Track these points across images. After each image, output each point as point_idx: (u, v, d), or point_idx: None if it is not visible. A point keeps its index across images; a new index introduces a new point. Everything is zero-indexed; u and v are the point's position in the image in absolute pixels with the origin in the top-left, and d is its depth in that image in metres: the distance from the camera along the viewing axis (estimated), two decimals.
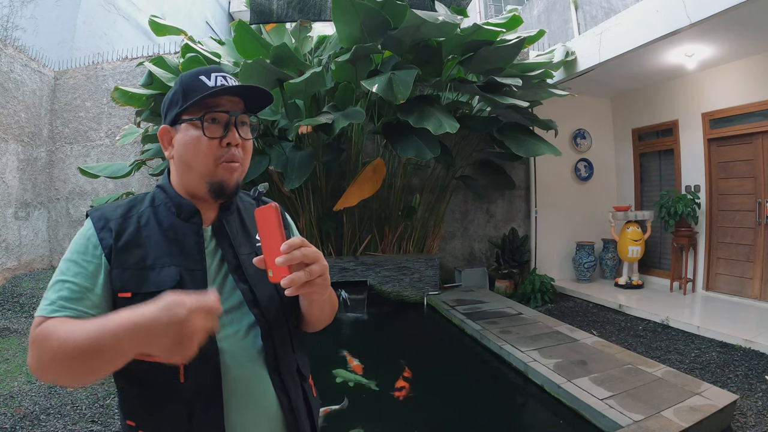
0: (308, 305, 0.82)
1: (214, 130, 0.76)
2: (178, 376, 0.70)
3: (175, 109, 0.78)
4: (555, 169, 5.93)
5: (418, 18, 3.40)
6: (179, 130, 0.78)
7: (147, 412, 0.73)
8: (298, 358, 0.86)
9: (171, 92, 0.80)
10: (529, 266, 5.82)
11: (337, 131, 3.92)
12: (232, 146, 0.77)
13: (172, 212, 0.79)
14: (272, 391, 0.78)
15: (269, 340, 0.79)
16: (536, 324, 3.86)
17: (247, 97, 0.81)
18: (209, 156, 0.76)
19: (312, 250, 0.67)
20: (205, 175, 0.77)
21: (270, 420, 0.78)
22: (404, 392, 2.80)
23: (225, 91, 0.77)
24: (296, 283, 0.64)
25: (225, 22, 12.34)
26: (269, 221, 0.66)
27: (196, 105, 0.75)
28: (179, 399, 0.71)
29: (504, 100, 3.92)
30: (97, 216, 0.76)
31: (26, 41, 5.93)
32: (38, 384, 2.91)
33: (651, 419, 2.16)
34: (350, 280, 4.86)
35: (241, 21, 4.14)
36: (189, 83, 0.77)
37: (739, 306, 4.35)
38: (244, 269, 0.79)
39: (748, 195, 4.56)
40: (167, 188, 0.81)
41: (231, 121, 0.77)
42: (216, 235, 0.82)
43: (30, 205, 5.53)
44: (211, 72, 0.78)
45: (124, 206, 0.79)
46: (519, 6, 8.34)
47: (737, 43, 4.09)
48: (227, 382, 0.73)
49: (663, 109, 5.43)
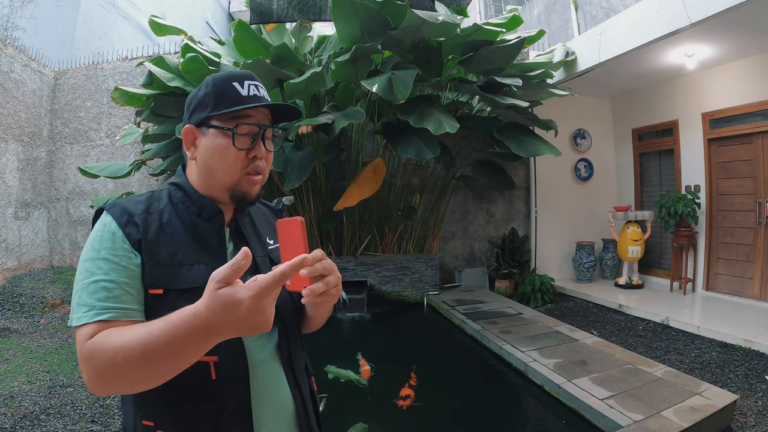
0: (315, 310, 0.87)
1: (242, 142, 0.77)
2: (210, 373, 0.71)
3: (203, 112, 0.77)
4: (555, 169, 5.93)
5: (418, 18, 3.40)
6: (206, 134, 0.77)
7: (171, 411, 0.72)
8: (304, 355, 0.90)
9: (200, 93, 0.79)
10: (529, 266, 5.82)
11: (337, 131, 3.92)
12: (258, 159, 0.78)
13: (192, 211, 0.79)
14: (287, 387, 0.81)
15: (284, 338, 0.82)
16: (536, 324, 3.86)
17: (276, 109, 0.82)
18: (235, 166, 0.77)
19: (329, 262, 0.69)
20: (228, 183, 0.78)
21: (286, 414, 0.80)
22: (409, 401, 2.70)
23: (260, 106, 0.77)
24: (315, 293, 0.66)
25: (225, 22, 12.34)
26: (294, 233, 0.68)
27: (228, 113, 0.75)
28: (208, 396, 0.72)
29: (504, 100, 3.92)
30: (118, 212, 0.73)
31: (26, 41, 5.93)
32: (38, 384, 2.91)
33: (651, 419, 2.16)
34: (350, 280, 4.86)
35: (241, 21, 4.14)
36: (221, 88, 0.77)
37: (739, 306, 4.34)
38: (260, 271, 0.80)
39: (748, 195, 4.56)
40: (186, 187, 0.81)
41: (260, 134, 0.78)
42: (234, 236, 0.83)
43: (30, 205, 5.53)
44: (244, 79, 0.78)
45: (144, 202, 0.78)
46: (519, 6, 8.35)
47: (737, 43, 4.09)
48: (252, 378, 0.75)
49: (663, 109, 5.43)
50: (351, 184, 4.53)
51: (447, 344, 3.95)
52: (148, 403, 0.73)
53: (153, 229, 0.74)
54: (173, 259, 0.73)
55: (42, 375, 3.07)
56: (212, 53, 4.37)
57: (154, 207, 0.78)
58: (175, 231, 0.75)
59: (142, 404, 0.74)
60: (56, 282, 5.14)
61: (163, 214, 0.77)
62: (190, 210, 0.79)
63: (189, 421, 0.72)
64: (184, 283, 0.71)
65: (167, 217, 0.77)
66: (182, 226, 0.76)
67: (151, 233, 0.73)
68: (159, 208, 0.78)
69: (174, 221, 0.76)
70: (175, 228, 0.76)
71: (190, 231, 0.77)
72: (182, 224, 0.77)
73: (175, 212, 0.78)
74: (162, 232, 0.74)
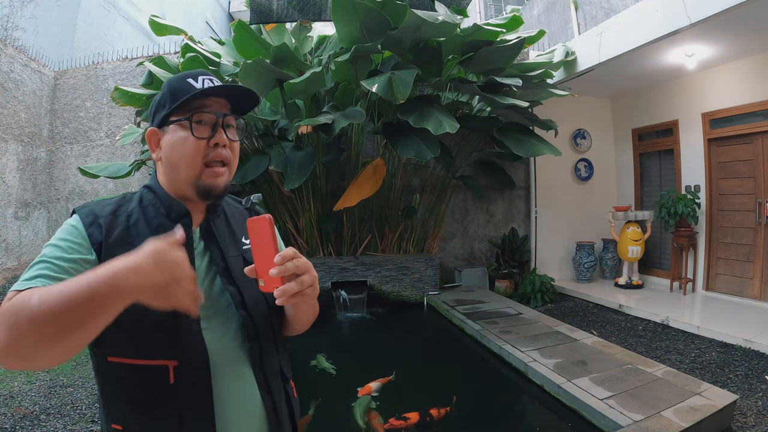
0: (294, 311, 0.84)
1: (201, 131, 0.77)
2: (168, 377, 0.70)
3: (162, 111, 0.78)
4: (555, 169, 5.93)
5: (418, 18, 3.40)
6: (167, 132, 0.78)
7: (136, 414, 0.72)
8: (281, 359, 0.87)
9: (159, 95, 0.80)
10: (529, 266, 5.82)
11: (337, 131, 3.92)
12: (220, 146, 0.78)
13: (161, 213, 0.79)
14: (257, 391, 0.79)
15: (255, 341, 0.80)
16: (536, 324, 3.86)
17: (233, 99, 0.82)
18: (197, 156, 0.76)
19: (303, 261, 0.68)
20: (192, 177, 0.77)
21: (254, 420, 0.78)
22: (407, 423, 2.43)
23: (211, 91, 0.77)
24: (288, 293, 0.66)
25: (225, 22, 12.34)
26: (263, 232, 0.67)
27: (183, 106, 0.76)
28: (169, 400, 0.71)
29: (504, 100, 3.92)
30: (86, 212, 0.75)
31: (26, 41, 5.93)
32: (38, 384, 2.91)
33: (651, 419, 2.16)
34: (350, 280, 4.86)
35: (241, 21, 4.14)
36: (177, 86, 0.78)
37: (739, 306, 4.34)
38: (231, 271, 0.80)
39: (748, 195, 4.56)
40: (156, 189, 0.81)
41: (218, 122, 0.78)
42: (204, 236, 0.82)
43: (30, 205, 5.53)
44: (199, 75, 0.79)
45: (112, 204, 0.79)
46: (519, 6, 8.35)
47: (737, 43, 4.09)
48: (215, 382, 0.74)
49: (663, 109, 5.43)
50: (351, 184, 4.53)
51: (447, 344, 3.95)
52: (115, 407, 0.73)
53: (117, 231, 0.74)
54: None
55: (42, 375, 3.07)
56: (212, 53, 4.37)
57: (122, 209, 0.78)
58: (140, 233, 0.75)
59: (110, 408, 0.74)
60: None
61: (131, 216, 0.77)
62: (159, 212, 0.79)
63: (153, 426, 0.71)
64: None
65: (134, 218, 0.77)
66: (148, 228, 0.76)
67: (114, 236, 0.73)
68: (127, 210, 0.78)
69: (140, 223, 0.77)
70: (140, 230, 0.75)
71: (157, 233, 0.75)
72: (148, 226, 0.76)
73: (144, 214, 0.78)
74: (126, 235, 0.74)
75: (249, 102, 0.83)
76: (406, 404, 2.60)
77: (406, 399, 2.75)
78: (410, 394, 2.86)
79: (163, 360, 0.70)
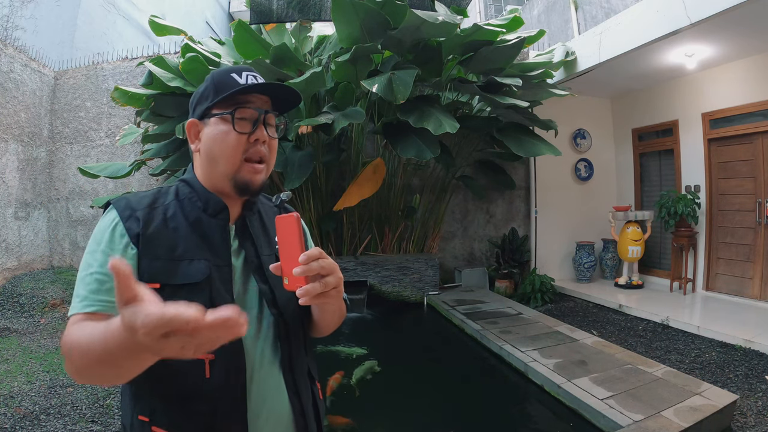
0: (320, 313, 0.83)
1: (243, 126, 0.77)
2: (204, 371, 0.70)
3: (205, 104, 0.78)
4: (555, 169, 5.93)
5: (418, 18, 3.40)
6: (208, 124, 0.78)
7: (166, 407, 0.71)
8: (309, 360, 0.87)
9: (202, 87, 0.81)
10: (529, 266, 5.82)
11: (337, 131, 3.92)
12: (260, 143, 0.78)
13: (198, 207, 0.78)
14: (285, 392, 0.78)
15: (286, 341, 0.80)
16: (536, 324, 3.86)
17: (275, 97, 0.82)
18: (237, 151, 0.76)
19: (329, 262, 0.68)
20: (231, 172, 0.77)
21: (281, 419, 0.78)
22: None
23: (256, 87, 0.77)
24: (311, 293, 0.65)
25: (225, 22, 12.33)
26: (290, 230, 0.67)
27: (226, 100, 0.76)
28: (203, 395, 0.71)
29: (504, 100, 3.92)
30: (122, 206, 0.75)
31: (26, 41, 5.93)
32: (38, 384, 2.91)
33: (651, 419, 2.16)
34: (350, 280, 4.86)
35: (241, 21, 4.14)
36: (220, 80, 0.78)
37: (739, 306, 4.34)
38: (265, 270, 0.80)
39: (748, 195, 4.56)
40: (193, 182, 0.81)
41: (260, 118, 0.78)
42: (239, 233, 0.82)
43: (30, 205, 5.53)
44: (243, 71, 0.79)
45: (149, 197, 0.78)
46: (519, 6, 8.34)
47: (737, 43, 4.09)
48: (250, 382, 0.74)
49: (663, 109, 5.43)
50: (351, 184, 4.53)
51: (447, 344, 3.95)
52: (144, 398, 0.73)
53: (155, 224, 0.74)
54: (172, 254, 0.72)
55: (42, 375, 3.07)
56: (212, 53, 4.37)
57: (159, 202, 0.78)
58: (178, 226, 0.75)
59: (138, 399, 0.73)
60: (56, 282, 5.14)
61: (168, 209, 0.77)
62: (195, 205, 0.79)
63: (183, 419, 0.71)
64: (182, 279, 0.71)
65: (171, 212, 0.77)
66: (186, 221, 0.76)
67: (151, 228, 0.73)
68: (164, 203, 0.78)
69: (178, 216, 0.76)
70: (178, 223, 0.76)
71: (194, 226, 0.76)
72: (186, 220, 0.76)
73: (181, 207, 0.78)
74: (164, 227, 0.74)
75: (290, 101, 0.83)
76: (405, 404, 2.60)
77: (406, 399, 2.76)
78: (410, 393, 2.86)
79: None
